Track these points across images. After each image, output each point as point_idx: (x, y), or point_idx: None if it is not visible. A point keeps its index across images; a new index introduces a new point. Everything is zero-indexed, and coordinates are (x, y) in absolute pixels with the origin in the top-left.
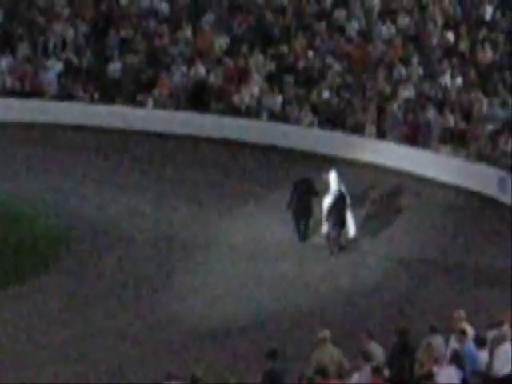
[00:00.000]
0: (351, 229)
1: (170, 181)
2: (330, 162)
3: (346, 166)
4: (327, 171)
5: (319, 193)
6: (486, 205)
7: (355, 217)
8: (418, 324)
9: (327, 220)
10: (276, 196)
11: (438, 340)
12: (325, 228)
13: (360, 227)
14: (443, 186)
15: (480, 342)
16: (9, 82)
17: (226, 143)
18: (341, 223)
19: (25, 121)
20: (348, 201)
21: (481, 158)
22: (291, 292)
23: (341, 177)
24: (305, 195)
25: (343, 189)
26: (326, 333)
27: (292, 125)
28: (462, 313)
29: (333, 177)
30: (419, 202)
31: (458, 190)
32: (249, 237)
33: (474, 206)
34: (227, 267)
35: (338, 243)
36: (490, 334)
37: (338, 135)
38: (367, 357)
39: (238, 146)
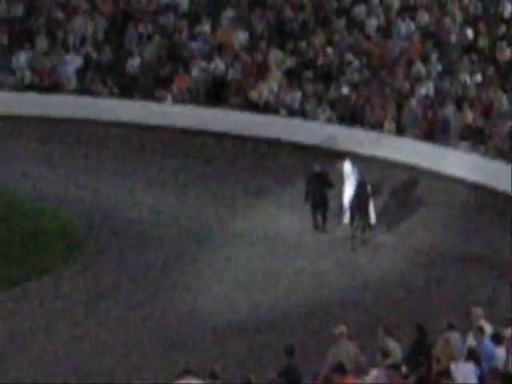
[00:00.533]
0: (372, 217)
1: (189, 176)
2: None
3: (364, 163)
4: (341, 162)
5: (334, 184)
6: (503, 201)
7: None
8: (435, 318)
9: (351, 209)
10: (294, 191)
11: (455, 337)
12: (347, 217)
13: (377, 220)
14: (461, 182)
15: (497, 340)
16: (28, 76)
17: (245, 138)
18: (365, 211)
19: (44, 115)
20: (369, 189)
21: (499, 154)
22: (309, 285)
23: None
24: (320, 187)
25: (360, 178)
26: (343, 328)
27: (310, 120)
28: (479, 310)
29: (347, 167)
30: (437, 198)
31: (475, 186)
32: (267, 231)
33: (491, 202)
34: (246, 260)
35: (361, 236)
36: (508, 332)
37: (356, 131)
38: (385, 353)
39: (256, 142)
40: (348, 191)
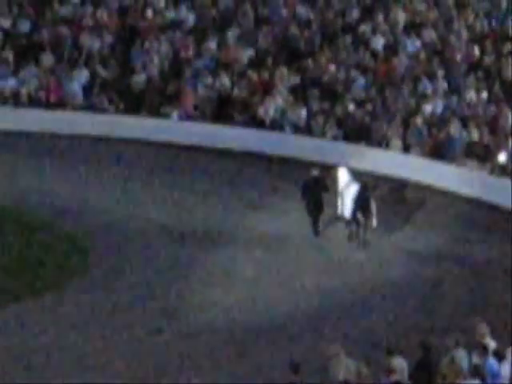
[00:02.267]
0: (374, 220)
1: (195, 192)
2: (355, 174)
3: (372, 179)
4: (337, 168)
5: (329, 188)
6: (509, 218)
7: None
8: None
9: (353, 210)
10: (301, 209)
11: (461, 354)
12: (349, 218)
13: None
14: (466, 199)
15: (500, 356)
16: (33, 92)
17: (250, 155)
18: (367, 213)
19: (50, 132)
20: (371, 192)
21: (505, 172)
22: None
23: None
24: (316, 192)
25: (362, 181)
26: (337, 348)
27: (316, 138)
28: (484, 327)
29: (344, 173)
30: (442, 215)
31: (480, 203)
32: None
33: (496, 219)
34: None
35: (363, 237)
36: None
37: (362, 149)
38: (390, 370)
39: (262, 159)
40: (346, 197)
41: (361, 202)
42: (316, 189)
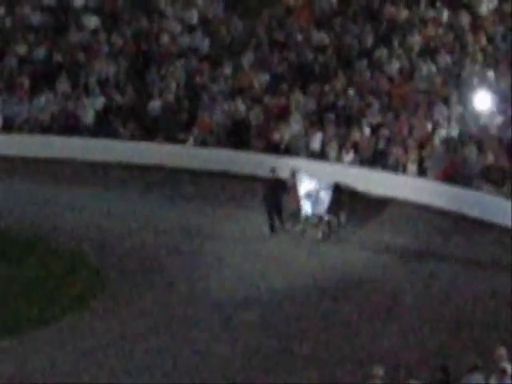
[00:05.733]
0: (342, 216)
1: (212, 218)
2: (369, 200)
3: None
4: (294, 169)
5: (289, 190)
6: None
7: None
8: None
9: (326, 208)
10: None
11: (477, 378)
12: (319, 214)
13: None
14: (483, 223)
15: None
16: (48, 118)
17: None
18: (336, 210)
19: (64, 158)
20: (341, 191)
21: None
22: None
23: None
24: (277, 193)
25: (334, 181)
26: (380, 370)
27: (332, 163)
28: (502, 350)
29: (303, 175)
30: (461, 240)
31: (498, 227)
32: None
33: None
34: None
35: (331, 229)
36: None
37: (377, 173)
38: None
39: None
40: (304, 197)
41: (331, 202)
42: (277, 191)
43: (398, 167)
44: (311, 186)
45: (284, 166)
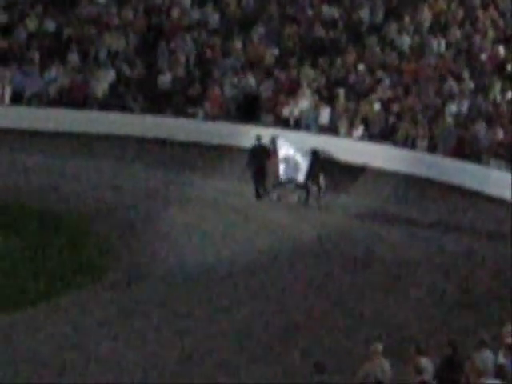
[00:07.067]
0: (322, 181)
1: (222, 192)
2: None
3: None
4: (273, 136)
5: (272, 156)
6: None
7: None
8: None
9: (308, 176)
10: None
11: (486, 354)
12: (300, 180)
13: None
14: (490, 199)
15: None
16: (59, 92)
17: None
18: (317, 176)
19: (74, 131)
20: (321, 157)
21: None
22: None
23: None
24: (260, 158)
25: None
26: (379, 346)
27: (342, 137)
28: (509, 328)
29: (282, 142)
30: (468, 216)
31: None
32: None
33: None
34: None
35: (310, 195)
36: None
37: (387, 148)
38: (418, 371)
39: None
40: (281, 162)
41: (311, 169)
42: (260, 157)
43: (408, 143)
44: (289, 152)
45: (292, 139)
